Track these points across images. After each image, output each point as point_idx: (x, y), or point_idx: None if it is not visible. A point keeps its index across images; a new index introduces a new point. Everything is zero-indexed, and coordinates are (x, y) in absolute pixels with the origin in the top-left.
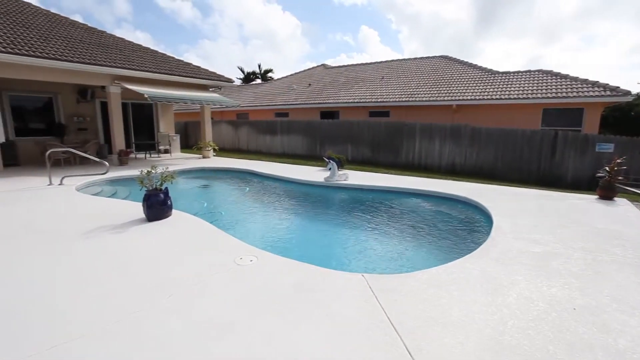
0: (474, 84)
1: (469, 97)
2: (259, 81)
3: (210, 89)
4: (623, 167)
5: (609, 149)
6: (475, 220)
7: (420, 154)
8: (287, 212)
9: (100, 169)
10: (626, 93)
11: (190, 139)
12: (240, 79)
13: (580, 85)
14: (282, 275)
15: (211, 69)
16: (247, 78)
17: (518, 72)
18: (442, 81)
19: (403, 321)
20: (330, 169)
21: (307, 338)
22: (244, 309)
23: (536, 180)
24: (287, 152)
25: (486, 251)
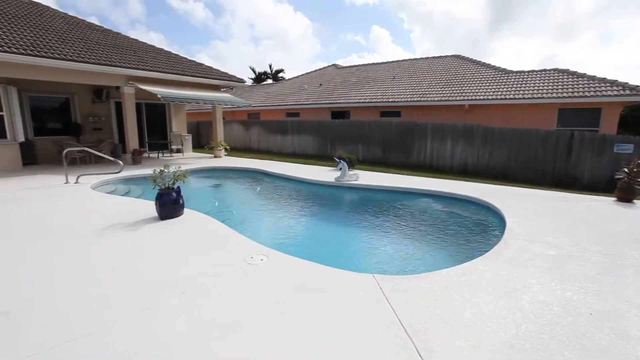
0: (487, 84)
1: (482, 97)
2: (270, 81)
3: (222, 89)
4: None
5: (628, 149)
6: (488, 222)
7: (432, 154)
8: (298, 211)
9: (114, 168)
10: None
11: (202, 139)
12: (251, 79)
13: (597, 84)
14: (292, 274)
15: (223, 69)
16: (259, 78)
17: (532, 71)
18: (455, 81)
19: (414, 322)
20: (340, 169)
21: (312, 338)
22: (251, 308)
23: (551, 181)
24: (297, 152)
25: (499, 253)
